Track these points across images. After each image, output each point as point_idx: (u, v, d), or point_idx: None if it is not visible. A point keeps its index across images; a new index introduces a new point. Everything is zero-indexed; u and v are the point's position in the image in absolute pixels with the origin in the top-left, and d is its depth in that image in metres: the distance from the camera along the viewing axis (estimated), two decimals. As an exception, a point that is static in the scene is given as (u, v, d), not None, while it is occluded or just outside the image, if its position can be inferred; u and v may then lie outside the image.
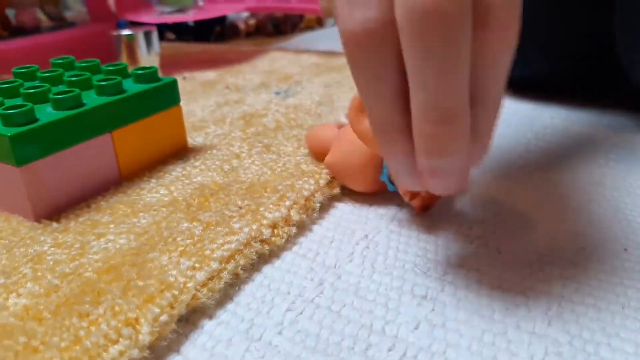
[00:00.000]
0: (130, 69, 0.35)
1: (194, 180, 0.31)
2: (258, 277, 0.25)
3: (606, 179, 0.33)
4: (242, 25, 0.85)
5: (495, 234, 0.27)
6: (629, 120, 0.42)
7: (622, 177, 0.33)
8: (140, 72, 0.33)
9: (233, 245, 0.24)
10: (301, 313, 0.22)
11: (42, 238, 0.26)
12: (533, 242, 0.27)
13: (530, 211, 0.30)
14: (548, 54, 0.43)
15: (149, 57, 0.53)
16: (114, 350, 0.19)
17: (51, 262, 0.24)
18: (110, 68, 0.34)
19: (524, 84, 0.48)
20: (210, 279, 0.23)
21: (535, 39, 0.43)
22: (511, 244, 0.27)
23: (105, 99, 0.30)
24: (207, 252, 0.24)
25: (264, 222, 0.26)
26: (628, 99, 0.45)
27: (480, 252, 0.26)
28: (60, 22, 0.64)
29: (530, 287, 0.24)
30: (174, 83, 0.34)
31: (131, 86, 0.33)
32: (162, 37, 0.75)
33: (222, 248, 0.24)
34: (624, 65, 0.38)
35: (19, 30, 0.59)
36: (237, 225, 0.26)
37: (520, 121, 0.43)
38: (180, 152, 0.35)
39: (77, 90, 0.30)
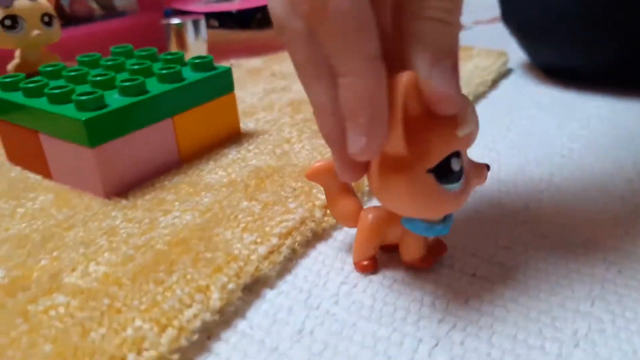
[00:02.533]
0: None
1: (249, 163, 0.33)
2: (313, 253, 0.26)
3: (651, 168, 0.33)
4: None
5: (540, 220, 0.28)
6: (676, 110, 0.42)
7: (667, 166, 0.33)
8: (197, 61, 0.35)
9: (290, 224, 0.26)
10: (355, 286, 0.24)
11: (113, 214, 0.28)
12: (577, 227, 0.28)
13: (574, 198, 0.30)
14: (593, 42, 0.43)
15: (196, 44, 0.55)
16: (188, 313, 0.21)
17: (124, 235, 0.26)
18: (169, 57, 0.36)
19: (568, 73, 0.48)
20: (271, 252, 0.24)
21: (579, 30, 0.43)
22: (556, 229, 0.27)
23: (167, 87, 0.32)
24: (267, 229, 0.26)
25: (317, 203, 0.28)
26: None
27: (527, 236, 0.27)
28: (111, 11, 0.66)
29: (574, 270, 0.25)
30: (228, 71, 0.36)
31: (189, 74, 0.35)
32: (207, 25, 0.77)
33: (281, 225, 0.26)
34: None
35: (73, 19, 0.62)
36: (292, 205, 0.27)
37: (565, 110, 0.43)
38: (234, 136, 0.37)
39: (141, 78, 0.32)
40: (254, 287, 0.24)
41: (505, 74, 0.52)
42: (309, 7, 0.18)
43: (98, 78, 0.33)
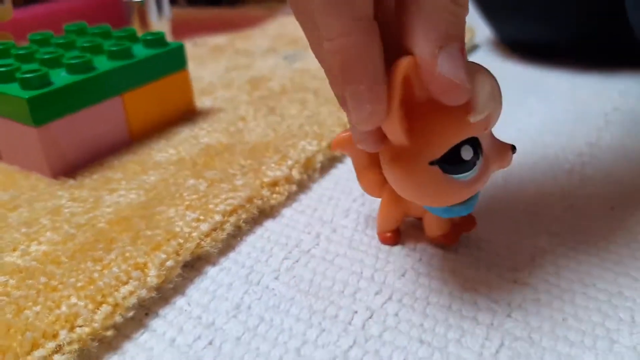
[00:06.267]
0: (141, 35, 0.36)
1: (201, 141, 0.32)
2: (259, 230, 0.26)
3: (602, 141, 0.34)
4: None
5: (487, 192, 0.28)
6: (636, 83, 0.42)
7: (618, 139, 0.34)
8: (149, 37, 0.34)
9: (236, 201, 0.26)
10: (297, 261, 0.24)
11: (59, 193, 0.28)
12: (523, 199, 0.28)
13: (524, 170, 0.31)
14: (555, 18, 0.43)
15: (159, 22, 0.54)
16: (124, 290, 0.21)
17: (68, 214, 0.26)
18: (121, 34, 0.36)
19: (532, 49, 0.48)
20: (214, 230, 0.24)
21: (541, 6, 0.43)
22: (502, 202, 0.28)
23: (115, 63, 0.32)
24: (211, 206, 0.25)
25: (265, 180, 0.28)
26: (638, 62, 0.45)
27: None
28: (74, -11, 0.65)
29: (516, 241, 0.25)
30: (181, 48, 0.35)
31: (140, 51, 0.34)
32: (174, 2, 0.76)
33: (225, 203, 0.26)
34: (634, 30, 0.38)
35: (34, -2, 0.60)
36: (239, 183, 0.27)
37: (525, 85, 0.43)
38: (189, 114, 0.36)
39: (88, 56, 0.31)
40: (196, 264, 0.24)
41: (470, 50, 0.52)
42: None
43: (46, 56, 0.32)
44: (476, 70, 0.18)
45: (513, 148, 0.20)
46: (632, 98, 0.40)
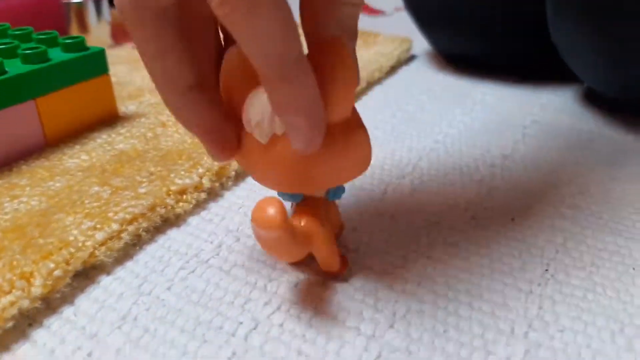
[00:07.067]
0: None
1: (116, 147, 0.32)
2: (161, 239, 0.26)
3: (517, 153, 0.35)
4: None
5: (393, 203, 0.29)
6: (558, 96, 0.44)
7: (532, 152, 0.35)
8: (68, 41, 0.34)
9: (136, 210, 0.26)
10: (193, 272, 0.24)
11: (-41, 199, 0.27)
12: (425, 210, 0.28)
13: (433, 180, 0.31)
14: (484, 31, 0.44)
15: (98, 25, 0.53)
16: (5, 300, 0.20)
17: (-38, 222, 0.25)
18: (41, 37, 0.35)
19: (462, 60, 0.49)
20: (110, 239, 0.24)
21: (470, 16, 0.44)
22: (406, 209, 0.28)
23: (28, 67, 0.31)
24: (110, 215, 0.25)
25: (173, 188, 0.28)
26: (562, 75, 0.46)
27: (375, 219, 0.28)
28: (14, -13, 0.63)
29: (412, 251, 0.25)
30: (101, 53, 0.35)
31: (58, 55, 0.34)
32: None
33: (125, 211, 0.26)
34: (557, 46, 0.39)
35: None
36: (143, 191, 0.27)
37: (452, 97, 0.44)
38: (110, 120, 0.36)
39: (0, 59, 0.31)
40: (90, 273, 0.24)
41: (407, 60, 0.53)
42: None
43: (-42, 58, 0.31)
44: None
45: None
46: (551, 111, 0.41)
